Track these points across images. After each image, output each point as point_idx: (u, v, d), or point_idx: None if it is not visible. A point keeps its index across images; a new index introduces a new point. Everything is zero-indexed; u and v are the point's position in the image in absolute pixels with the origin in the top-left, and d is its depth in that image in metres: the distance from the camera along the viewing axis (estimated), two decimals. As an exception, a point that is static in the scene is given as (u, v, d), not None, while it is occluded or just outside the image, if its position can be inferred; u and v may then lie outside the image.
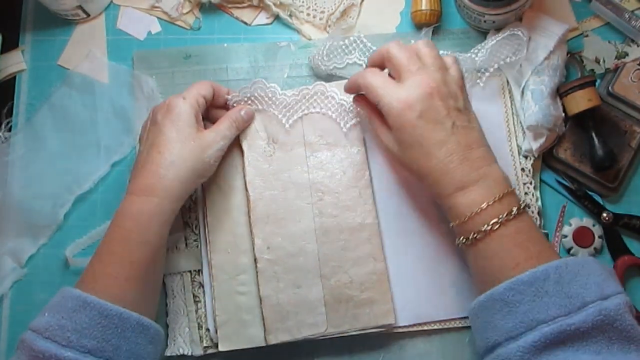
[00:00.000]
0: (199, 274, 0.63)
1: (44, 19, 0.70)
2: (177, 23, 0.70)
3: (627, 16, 0.67)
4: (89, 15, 0.69)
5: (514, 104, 0.65)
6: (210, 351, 0.62)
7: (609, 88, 0.65)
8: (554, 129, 0.63)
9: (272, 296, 0.60)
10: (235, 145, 0.63)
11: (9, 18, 0.71)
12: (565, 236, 0.64)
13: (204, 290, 0.62)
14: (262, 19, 0.70)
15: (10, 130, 0.67)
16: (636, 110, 0.65)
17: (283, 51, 0.68)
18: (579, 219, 0.64)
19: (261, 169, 0.63)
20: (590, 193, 0.65)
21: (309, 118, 0.64)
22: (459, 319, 0.61)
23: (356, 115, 0.63)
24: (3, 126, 0.67)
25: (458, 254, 0.61)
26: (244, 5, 0.70)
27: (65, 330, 0.48)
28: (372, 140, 0.64)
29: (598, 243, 0.64)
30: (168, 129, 0.57)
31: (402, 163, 0.56)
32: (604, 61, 0.67)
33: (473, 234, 0.52)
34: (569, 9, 0.68)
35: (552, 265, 0.48)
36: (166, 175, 0.55)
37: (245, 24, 0.70)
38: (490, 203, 0.51)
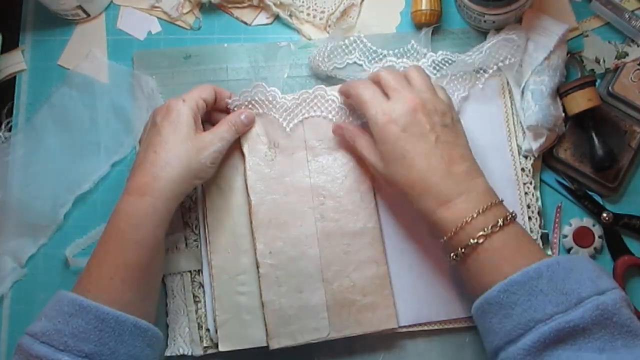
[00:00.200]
0: (199, 274, 0.63)
1: (44, 19, 0.70)
2: (177, 23, 0.70)
3: (627, 16, 0.67)
4: (89, 15, 0.69)
5: (514, 104, 0.65)
6: (210, 351, 0.62)
7: (609, 88, 0.65)
8: (554, 129, 0.63)
9: (275, 301, 0.60)
10: (235, 147, 0.63)
11: (9, 18, 0.70)
12: (565, 236, 0.64)
13: (204, 290, 0.62)
14: (262, 19, 0.70)
15: (10, 130, 0.67)
16: (636, 110, 0.65)
17: (283, 51, 0.68)
18: (579, 219, 0.64)
19: (263, 174, 0.62)
20: (590, 193, 0.65)
21: (310, 122, 0.64)
22: (459, 319, 0.61)
23: (357, 118, 0.63)
24: (3, 126, 0.67)
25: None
26: (244, 5, 0.70)
27: (62, 335, 0.48)
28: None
29: (598, 243, 0.64)
30: (166, 130, 0.57)
31: (386, 180, 0.56)
32: (604, 61, 0.67)
33: (461, 249, 0.51)
34: (569, 9, 0.68)
35: (544, 263, 0.48)
36: (161, 174, 0.55)
37: (245, 24, 0.70)
38: (475, 216, 0.51)
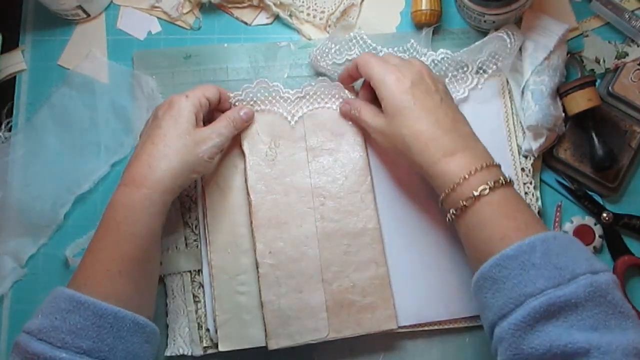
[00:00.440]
0: (199, 274, 0.63)
1: (44, 19, 0.70)
2: (177, 23, 0.70)
3: (627, 16, 0.67)
4: (89, 15, 0.69)
5: (514, 104, 0.66)
6: (210, 351, 0.62)
7: (609, 88, 0.65)
8: (554, 129, 0.63)
9: (274, 301, 0.60)
10: (235, 145, 0.63)
11: (9, 18, 0.70)
12: (566, 233, 0.64)
13: (204, 290, 0.62)
14: (262, 19, 0.70)
15: (10, 130, 0.67)
16: (636, 110, 0.65)
17: (283, 51, 0.68)
18: (581, 217, 0.64)
19: (263, 173, 0.62)
20: (590, 193, 0.65)
21: (311, 122, 0.64)
22: (459, 319, 0.61)
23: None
24: (3, 126, 0.67)
25: (459, 256, 0.61)
26: (244, 5, 0.70)
27: (59, 332, 0.48)
28: (373, 145, 0.64)
29: (598, 242, 0.64)
30: (166, 123, 0.57)
31: (387, 135, 0.57)
32: (604, 61, 0.67)
33: (462, 202, 0.52)
34: (569, 9, 0.68)
35: (539, 237, 0.47)
36: (158, 166, 0.55)
37: (245, 24, 0.70)
38: (479, 169, 0.52)
